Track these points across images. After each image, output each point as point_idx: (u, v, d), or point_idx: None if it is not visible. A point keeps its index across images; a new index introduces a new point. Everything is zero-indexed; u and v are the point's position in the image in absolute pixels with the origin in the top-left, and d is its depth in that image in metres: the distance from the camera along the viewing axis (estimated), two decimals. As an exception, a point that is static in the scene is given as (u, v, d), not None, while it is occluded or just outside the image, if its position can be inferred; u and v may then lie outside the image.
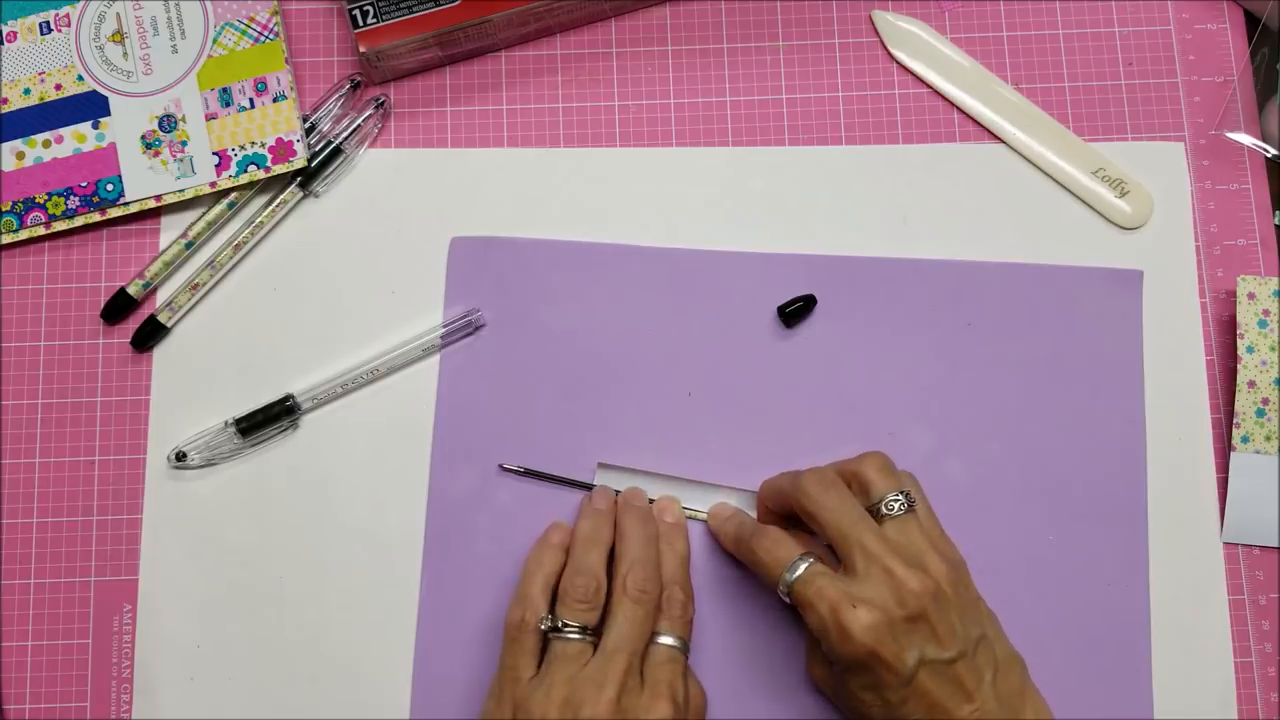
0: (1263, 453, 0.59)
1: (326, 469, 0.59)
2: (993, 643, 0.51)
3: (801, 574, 0.50)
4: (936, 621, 0.48)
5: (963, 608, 0.50)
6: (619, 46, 0.64)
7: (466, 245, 0.61)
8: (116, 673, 0.58)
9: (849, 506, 0.51)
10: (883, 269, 0.61)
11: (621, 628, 0.51)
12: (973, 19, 0.64)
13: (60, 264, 0.62)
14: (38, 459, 0.60)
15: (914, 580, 0.48)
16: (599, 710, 0.49)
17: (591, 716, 0.48)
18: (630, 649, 0.51)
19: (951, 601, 0.49)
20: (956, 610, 0.49)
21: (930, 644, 0.48)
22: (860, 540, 0.50)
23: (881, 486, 0.52)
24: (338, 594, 0.58)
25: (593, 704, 0.49)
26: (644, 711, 0.49)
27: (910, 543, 0.50)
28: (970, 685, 0.49)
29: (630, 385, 0.60)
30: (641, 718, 0.49)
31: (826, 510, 0.51)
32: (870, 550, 0.49)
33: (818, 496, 0.51)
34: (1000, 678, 0.50)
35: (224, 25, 0.62)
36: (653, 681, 0.50)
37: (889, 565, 0.49)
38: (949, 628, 0.49)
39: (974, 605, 0.51)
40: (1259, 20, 0.64)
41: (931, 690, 0.48)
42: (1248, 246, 0.62)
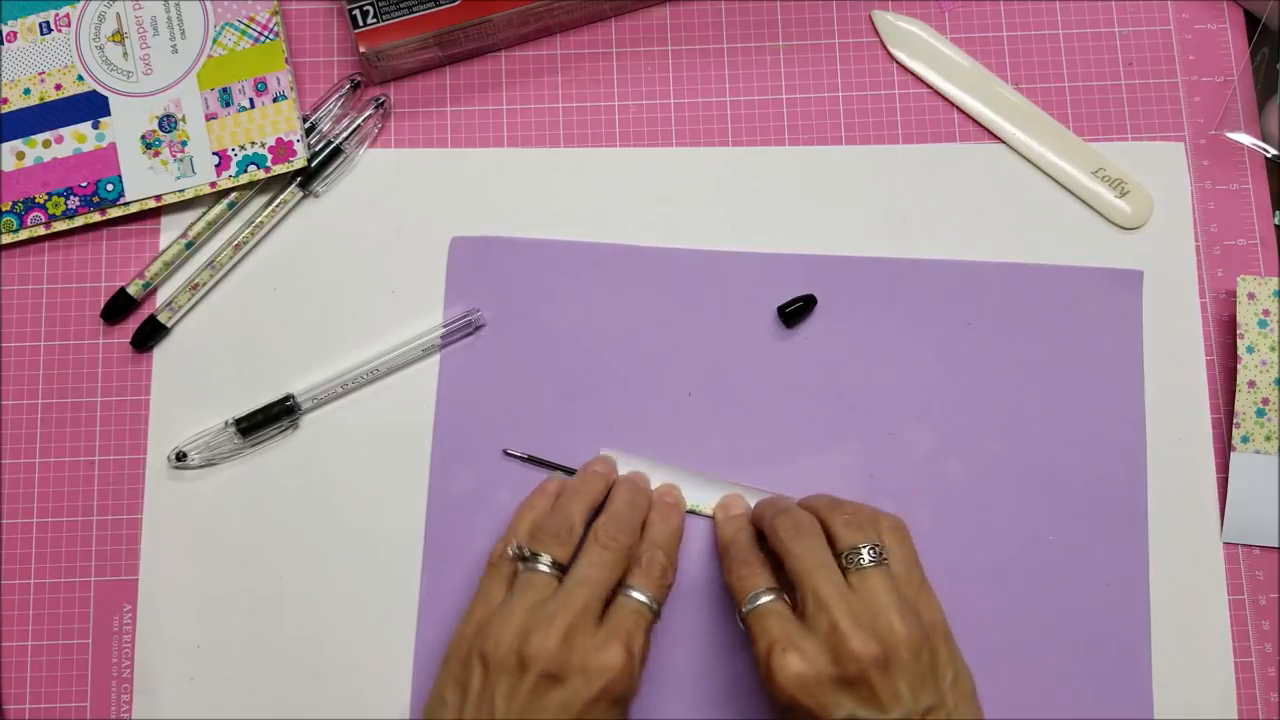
0: (1263, 453, 0.59)
1: (326, 469, 0.59)
2: (949, 711, 0.48)
3: (757, 606, 0.50)
4: (878, 686, 0.47)
5: (917, 676, 0.48)
6: (619, 46, 0.64)
7: (466, 245, 0.61)
8: (116, 673, 0.58)
9: (815, 553, 0.50)
10: (883, 269, 0.61)
11: (584, 567, 0.51)
12: (973, 19, 0.64)
13: (60, 264, 0.62)
14: (38, 459, 0.60)
15: (858, 641, 0.47)
16: (547, 640, 0.48)
17: (539, 644, 0.48)
18: (590, 589, 0.51)
19: (903, 666, 0.47)
20: (907, 678, 0.47)
21: (864, 706, 0.47)
22: (815, 588, 0.49)
23: (847, 539, 0.50)
24: (338, 594, 0.58)
25: (543, 633, 0.49)
26: (594, 652, 0.49)
27: (872, 600, 0.49)
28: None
29: (630, 385, 0.60)
30: (589, 658, 0.49)
31: (792, 556, 0.50)
32: (823, 600, 0.48)
33: (788, 541, 0.51)
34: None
35: (224, 25, 0.62)
36: (611, 625, 0.50)
37: (836, 619, 0.47)
38: (892, 693, 0.47)
39: (932, 673, 0.48)
40: (1259, 20, 0.64)
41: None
42: (1248, 246, 0.62)
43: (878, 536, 0.51)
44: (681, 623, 0.57)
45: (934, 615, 0.51)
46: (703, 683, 0.57)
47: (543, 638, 0.49)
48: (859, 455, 0.59)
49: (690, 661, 0.57)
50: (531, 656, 0.48)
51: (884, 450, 0.59)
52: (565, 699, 0.48)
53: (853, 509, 0.52)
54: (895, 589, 0.49)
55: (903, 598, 0.49)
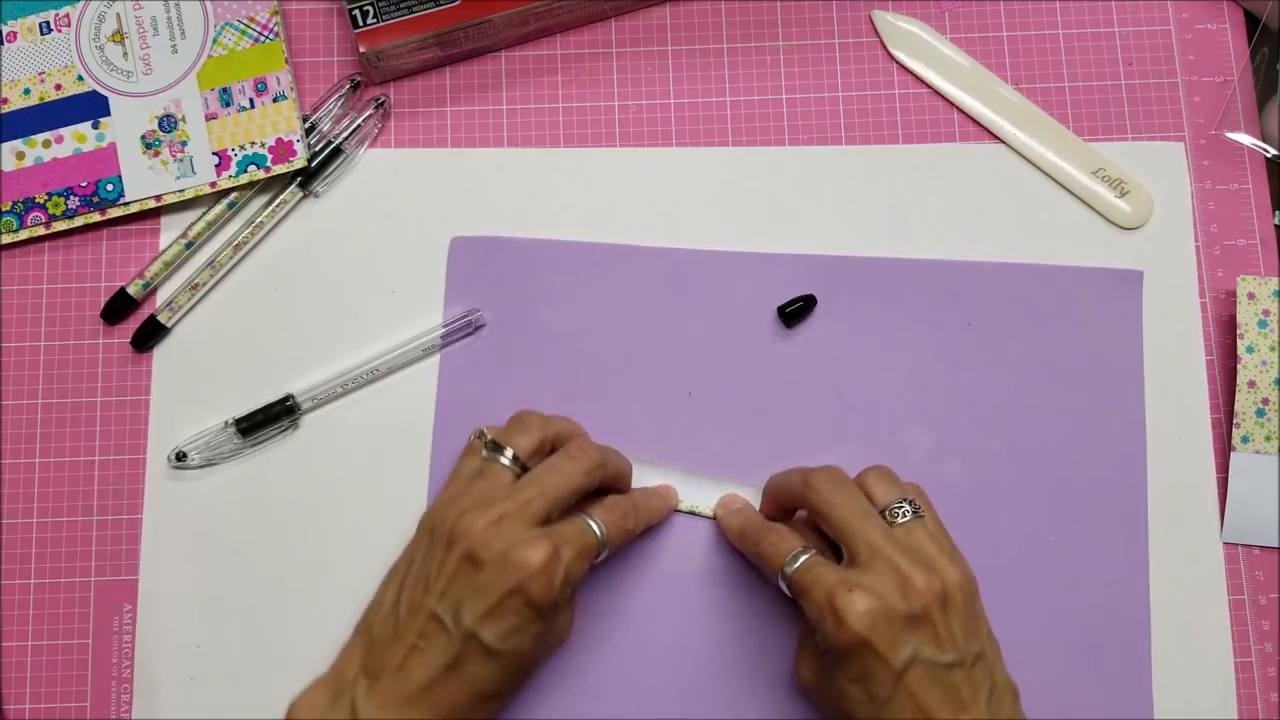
0: (1263, 453, 0.59)
1: (326, 469, 0.59)
2: (991, 664, 0.49)
3: (802, 563, 0.50)
4: (938, 623, 0.48)
5: (966, 620, 0.49)
6: (619, 46, 0.64)
7: (466, 245, 0.61)
8: (116, 673, 0.58)
9: (858, 503, 0.51)
10: (883, 269, 0.61)
11: (542, 471, 0.52)
12: (973, 19, 0.64)
13: (60, 264, 0.62)
14: (38, 459, 0.60)
15: (920, 578, 0.48)
16: (475, 522, 0.49)
17: (467, 525, 0.49)
18: (538, 490, 0.50)
19: (957, 609, 0.48)
20: (960, 620, 0.48)
21: (928, 644, 0.47)
22: (866, 535, 0.49)
23: (885, 495, 0.51)
24: (338, 594, 0.58)
25: (474, 515, 0.49)
26: (518, 545, 0.48)
27: (920, 547, 0.50)
28: (965, 696, 0.47)
29: (630, 385, 0.60)
30: (511, 550, 0.48)
31: (835, 506, 0.50)
32: (876, 545, 0.49)
33: (828, 493, 0.51)
34: (996, 698, 0.49)
35: (224, 25, 0.62)
36: (549, 530, 0.50)
37: (895, 560, 0.48)
38: (949, 633, 0.48)
39: (977, 621, 0.50)
40: (1259, 20, 0.64)
41: (921, 692, 0.47)
42: (1248, 246, 0.62)
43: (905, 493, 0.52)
44: (675, 631, 0.57)
45: (968, 568, 0.51)
46: (697, 669, 0.57)
47: (473, 519, 0.49)
48: (859, 455, 0.59)
49: (682, 649, 0.57)
50: (459, 535, 0.49)
51: (884, 450, 0.59)
52: (482, 585, 0.48)
53: (883, 470, 0.53)
54: (936, 541, 0.50)
55: (943, 547, 0.50)
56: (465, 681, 0.49)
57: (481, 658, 0.48)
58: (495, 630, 0.48)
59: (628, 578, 0.58)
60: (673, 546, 0.58)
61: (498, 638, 0.48)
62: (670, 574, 0.58)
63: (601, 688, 0.57)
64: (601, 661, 0.57)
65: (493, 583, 0.48)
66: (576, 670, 0.57)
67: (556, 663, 0.57)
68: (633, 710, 0.56)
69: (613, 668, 0.57)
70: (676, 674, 0.57)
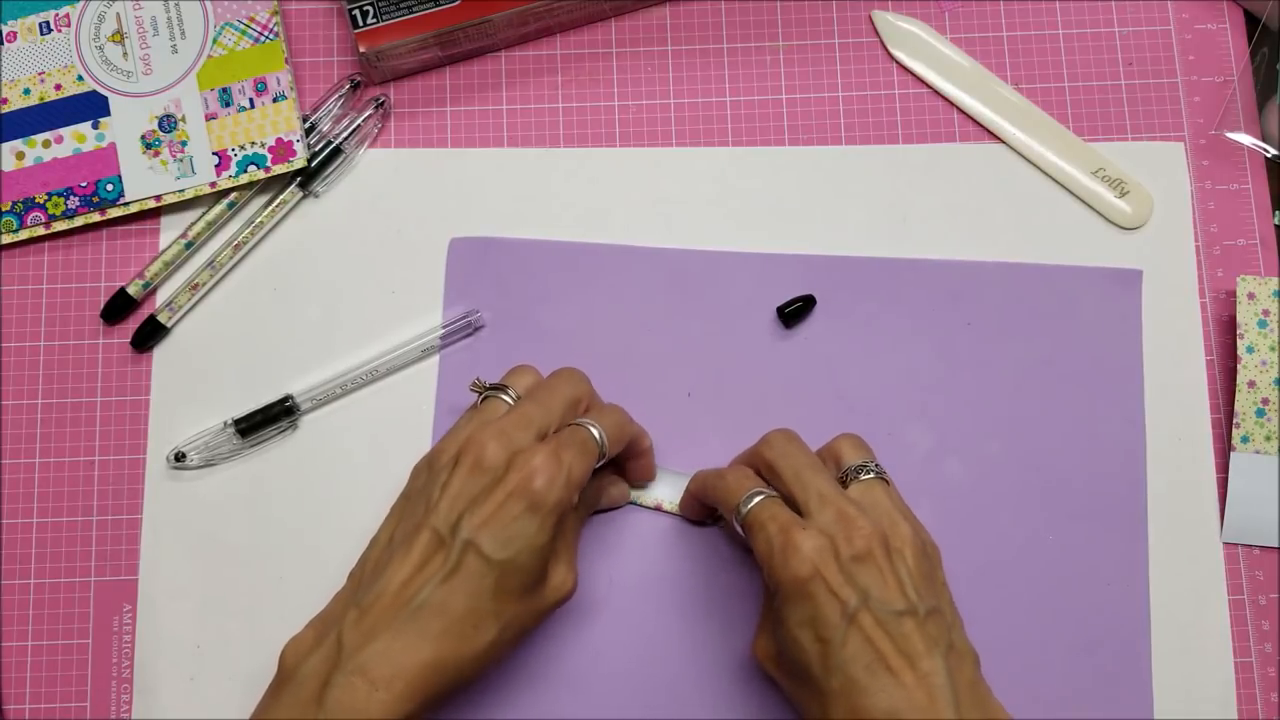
0: (1263, 453, 0.59)
1: (326, 469, 0.59)
2: (949, 625, 0.48)
3: (757, 501, 0.50)
4: (884, 567, 0.47)
5: (920, 575, 0.48)
6: (619, 46, 0.64)
7: (466, 245, 0.61)
8: (116, 673, 0.58)
9: (810, 460, 0.51)
10: (883, 269, 0.61)
11: (536, 392, 0.52)
12: (973, 19, 0.64)
13: (60, 264, 0.62)
14: (38, 459, 0.60)
15: (864, 521, 0.48)
16: (482, 435, 0.49)
17: (474, 439, 0.49)
18: (538, 407, 0.51)
19: (907, 560, 0.48)
20: (911, 572, 0.48)
21: (877, 585, 0.47)
22: (816, 486, 0.49)
23: (852, 458, 0.52)
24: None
25: (479, 433, 0.49)
26: (524, 453, 0.49)
27: (874, 504, 0.50)
28: (919, 647, 0.46)
29: (630, 385, 0.59)
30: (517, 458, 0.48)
31: (786, 458, 0.51)
32: (825, 494, 0.49)
33: (780, 446, 0.51)
34: (954, 657, 0.47)
35: (224, 25, 0.62)
36: (551, 439, 0.50)
37: (842, 508, 0.48)
38: (897, 580, 0.47)
39: (933, 581, 0.49)
40: (1259, 20, 0.64)
41: (874, 638, 0.46)
42: (1248, 246, 0.62)
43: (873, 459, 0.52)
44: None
45: (927, 535, 0.51)
46: (680, 672, 0.57)
47: (478, 436, 0.49)
48: (859, 455, 0.59)
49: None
50: (464, 452, 0.49)
51: (884, 450, 0.59)
52: (483, 491, 0.48)
53: (854, 436, 0.53)
54: (894, 501, 0.50)
55: (901, 510, 0.50)
56: (461, 599, 0.47)
57: (479, 569, 0.47)
58: (494, 536, 0.47)
59: (615, 578, 0.58)
60: (658, 548, 0.58)
61: (497, 544, 0.47)
62: (652, 576, 0.58)
63: (579, 688, 0.57)
64: (582, 662, 0.57)
65: (501, 485, 0.48)
66: (555, 671, 0.57)
67: (537, 664, 0.57)
68: (613, 710, 0.56)
69: (590, 668, 0.57)
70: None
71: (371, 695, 0.46)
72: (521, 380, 0.54)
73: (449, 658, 0.47)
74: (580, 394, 0.53)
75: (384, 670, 0.46)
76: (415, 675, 0.47)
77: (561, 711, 0.56)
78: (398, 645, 0.47)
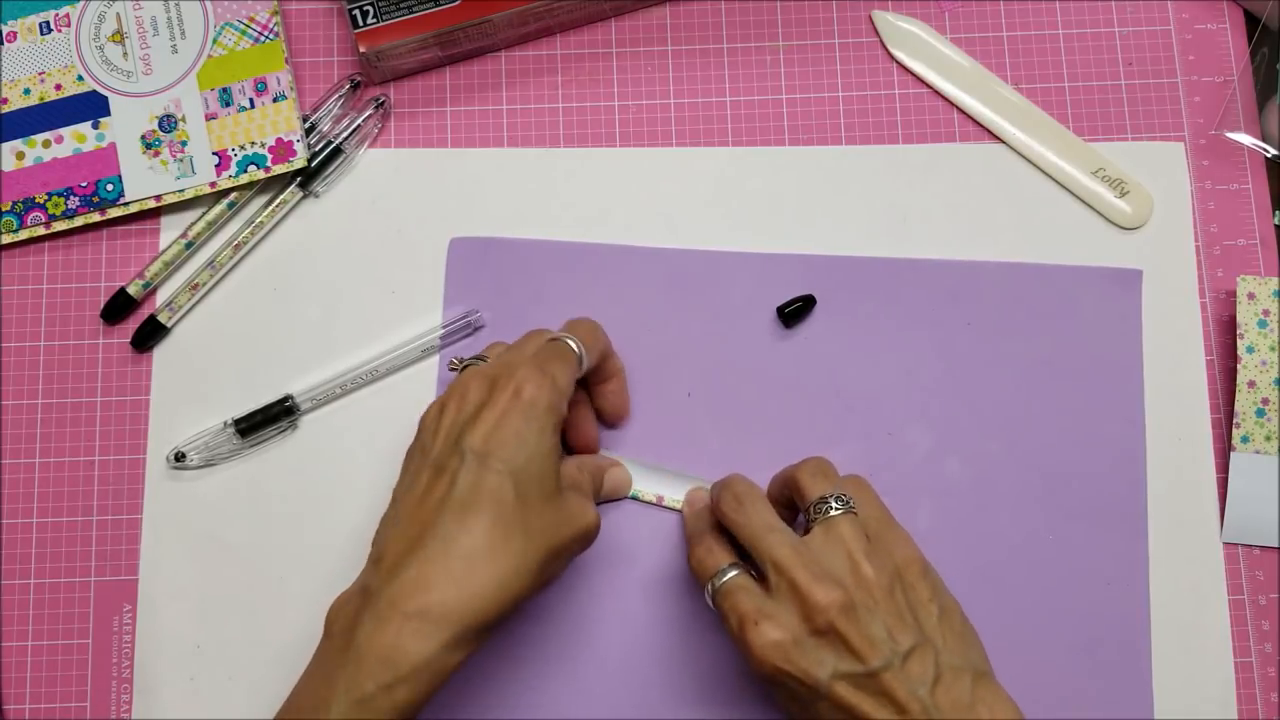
0: (1263, 453, 0.59)
1: (326, 469, 0.59)
2: (937, 650, 0.48)
3: (723, 584, 0.50)
4: (849, 634, 0.47)
5: (893, 615, 0.48)
6: (619, 46, 0.64)
7: (466, 245, 0.61)
8: (116, 673, 0.58)
9: (760, 518, 0.50)
10: (882, 269, 0.61)
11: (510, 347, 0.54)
12: (973, 19, 0.64)
13: (60, 264, 0.62)
14: (38, 459, 0.60)
15: (820, 593, 0.47)
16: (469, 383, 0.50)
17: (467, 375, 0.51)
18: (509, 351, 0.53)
19: (875, 609, 0.48)
20: (882, 618, 0.47)
21: (844, 658, 0.47)
22: (770, 553, 0.49)
23: (813, 490, 0.51)
24: (338, 594, 0.58)
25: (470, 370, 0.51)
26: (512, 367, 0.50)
27: (835, 548, 0.49)
28: (900, 695, 0.46)
29: (630, 385, 0.59)
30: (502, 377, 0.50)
31: (739, 526, 0.50)
32: (780, 563, 0.48)
33: (730, 513, 0.51)
34: (942, 688, 0.47)
35: (224, 25, 0.62)
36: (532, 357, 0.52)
37: (795, 578, 0.47)
38: (866, 639, 0.47)
39: (911, 612, 0.49)
40: (1259, 20, 0.64)
41: (853, 704, 0.47)
42: (1248, 246, 0.62)
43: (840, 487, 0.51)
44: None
45: (907, 551, 0.50)
46: (680, 671, 0.57)
47: (471, 372, 0.51)
48: (859, 455, 0.59)
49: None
50: (448, 393, 0.51)
51: (884, 450, 0.59)
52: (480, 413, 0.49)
53: (816, 464, 0.52)
54: (862, 534, 0.49)
55: (870, 542, 0.50)
56: (482, 517, 0.47)
57: (494, 483, 0.47)
58: (500, 447, 0.48)
59: (612, 577, 0.58)
60: (656, 545, 0.58)
61: (505, 455, 0.48)
62: (651, 574, 0.58)
63: (580, 686, 0.57)
64: (583, 659, 0.57)
65: (490, 406, 0.49)
66: (555, 670, 0.57)
67: (539, 662, 0.57)
68: (614, 710, 0.56)
69: (592, 665, 0.57)
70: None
71: (404, 626, 0.45)
72: (495, 350, 0.55)
73: (482, 578, 0.46)
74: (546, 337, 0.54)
75: (415, 601, 0.45)
76: (450, 600, 0.46)
77: (562, 711, 0.56)
78: (426, 572, 0.46)
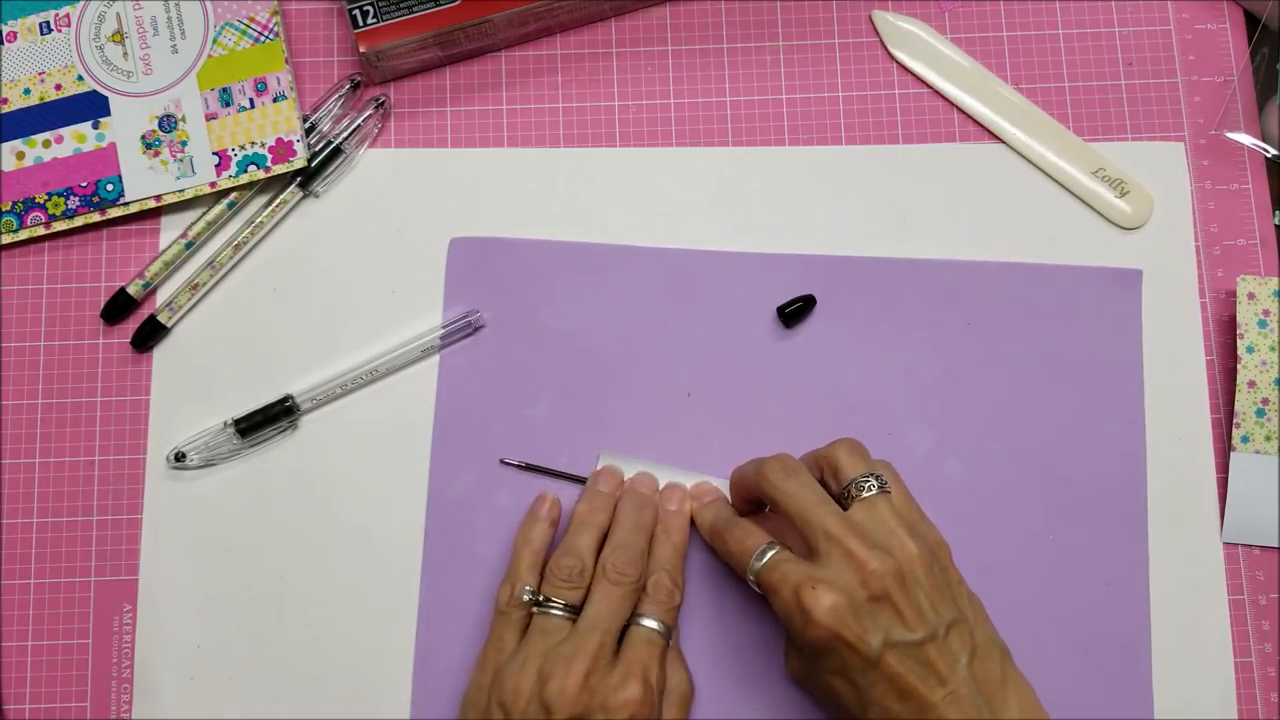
0: (1263, 453, 0.59)
1: (326, 469, 0.59)
2: (971, 627, 0.50)
3: (767, 560, 0.51)
4: (900, 602, 0.48)
5: (934, 590, 0.49)
6: (619, 46, 0.64)
7: (466, 245, 0.61)
8: (116, 673, 0.58)
9: (810, 491, 0.51)
10: (882, 269, 0.61)
11: (597, 605, 0.52)
12: (973, 19, 0.64)
13: (60, 264, 0.62)
14: (38, 459, 0.60)
15: (875, 560, 0.48)
16: (567, 685, 0.49)
17: (559, 690, 0.49)
18: (604, 627, 0.51)
19: (921, 582, 0.49)
20: (926, 591, 0.49)
21: (896, 625, 0.48)
22: (822, 523, 0.50)
23: (851, 469, 0.52)
24: (338, 594, 0.58)
25: (561, 678, 0.49)
26: (612, 691, 0.50)
27: (878, 524, 0.50)
28: (943, 668, 0.48)
29: (630, 385, 0.60)
30: (609, 697, 0.50)
31: (788, 496, 0.51)
32: (832, 533, 0.49)
33: (779, 483, 0.52)
34: (978, 662, 0.49)
35: (224, 25, 0.62)
36: (626, 661, 0.51)
37: (850, 547, 0.49)
38: (915, 609, 0.48)
39: (948, 588, 0.50)
40: (1259, 20, 0.64)
41: (900, 673, 0.48)
42: (1248, 246, 0.62)
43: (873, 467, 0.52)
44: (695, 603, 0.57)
45: (937, 535, 0.52)
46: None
47: (562, 682, 0.49)
48: (859, 455, 0.59)
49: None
50: (553, 702, 0.49)
51: (884, 450, 0.59)
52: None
53: (852, 444, 0.53)
54: (898, 514, 0.51)
55: (906, 519, 0.51)
56: None
57: None
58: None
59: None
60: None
61: None
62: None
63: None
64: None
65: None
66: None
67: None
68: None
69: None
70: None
71: None
72: (569, 588, 0.53)
73: None
74: (631, 602, 0.53)
75: None
76: None
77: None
78: None
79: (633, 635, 0.52)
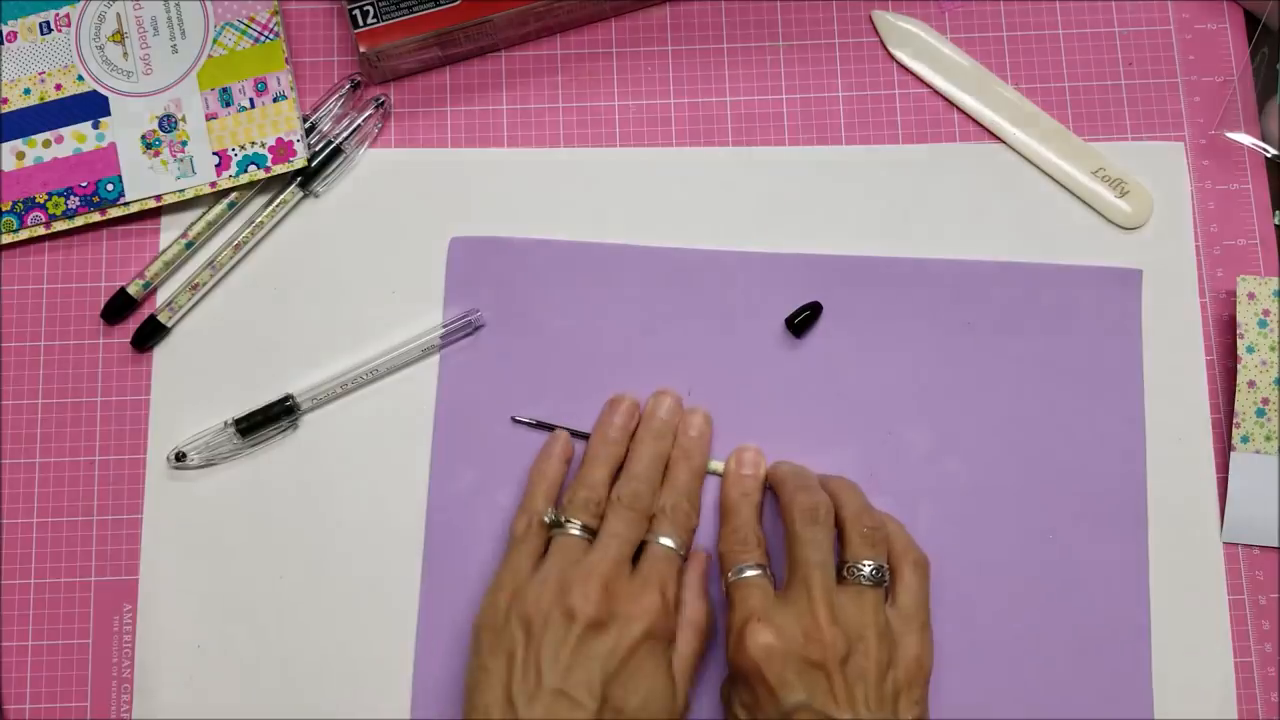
0: (1263, 453, 0.59)
1: (326, 469, 0.59)
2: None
3: (743, 577, 0.52)
4: (836, 681, 0.48)
5: (877, 694, 0.49)
6: (619, 46, 0.64)
7: (466, 245, 0.61)
8: (116, 673, 0.58)
9: (819, 548, 0.52)
10: (882, 269, 0.61)
11: (613, 525, 0.53)
12: (973, 19, 0.64)
13: (60, 264, 0.62)
14: (38, 459, 0.60)
15: (830, 631, 0.49)
16: (589, 590, 0.50)
17: (582, 596, 0.50)
18: (620, 543, 0.52)
19: (866, 679, 0.49)
20: (867, 690, 0.49)
21: (824, 696, 0.48)
22: (808, 577, 0.51)
23: (858, 551, 0.52)
24: (338, 594, 0.58)
25: (583, 585, 0.50)
26: (632, 599, 0.50)
27: (858, 614, 0.50)
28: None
29: (630, 385, 0.59)
30: (629, 605, 0.50)
31: (798, 541, 0.52)
32: (811, 588, 0.50)
33: (799, 526, 0.52)
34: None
35: (224, 25, 0.62)
36: (643, 573, 0.52)
37: (816, 608, 0.49)
38: (849, 694, 0.48)
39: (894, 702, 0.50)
40: (1259, 20, 0.64)
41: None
42: (1248, 246, 0.62)
43: (893, 560, 0.53)
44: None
45: (922, 655, 0.51)
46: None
47: (584, 589, 0.50)
48: (859, 455, 0.59)
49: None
50: (576, 608, 0.50)
51: (884, 450, 0.59)
52: (611, 645, 0.49)
53: (877, 524, 0.53)
54: (883, 613, 0.51)
55: (890, 625, 0.51)
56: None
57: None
58: (630, 683, 0.49)
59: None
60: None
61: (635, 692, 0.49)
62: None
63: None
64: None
65: (622, 638, 0.50)
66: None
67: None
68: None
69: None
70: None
71: None
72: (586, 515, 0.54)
73: None
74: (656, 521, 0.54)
75: None
76: None
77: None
78: None
79: (650, 551, 0.53)
